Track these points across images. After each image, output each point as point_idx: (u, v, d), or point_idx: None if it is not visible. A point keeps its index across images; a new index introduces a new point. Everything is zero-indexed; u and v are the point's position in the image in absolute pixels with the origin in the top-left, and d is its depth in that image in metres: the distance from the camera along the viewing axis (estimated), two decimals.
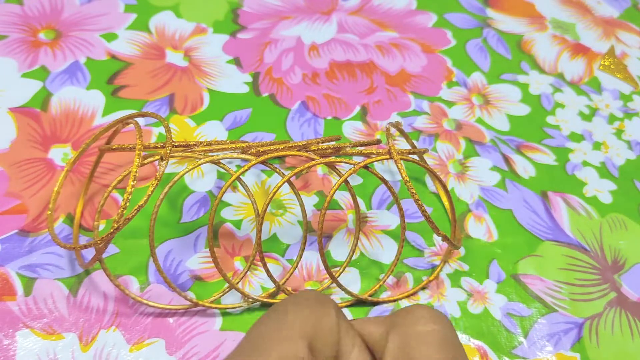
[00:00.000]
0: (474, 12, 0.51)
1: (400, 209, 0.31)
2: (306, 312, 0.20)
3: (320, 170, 0.37)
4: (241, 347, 0.20)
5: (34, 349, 0.28)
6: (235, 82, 0.42)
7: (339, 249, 0.34)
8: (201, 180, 0.36)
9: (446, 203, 0.37)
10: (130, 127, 0.34)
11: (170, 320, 0.30)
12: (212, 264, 0.31)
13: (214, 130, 0.38)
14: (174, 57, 0.42)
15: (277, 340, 0.19)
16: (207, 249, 0.32)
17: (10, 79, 0.39)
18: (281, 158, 0.38)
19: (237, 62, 0.43)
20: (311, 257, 0.33)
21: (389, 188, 0.30)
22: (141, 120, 0.38)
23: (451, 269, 0.34)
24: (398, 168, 0.29)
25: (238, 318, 0.31)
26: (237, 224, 0.34)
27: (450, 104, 0.43)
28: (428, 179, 0.38)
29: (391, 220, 0.36)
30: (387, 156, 0.30)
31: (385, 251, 0.34)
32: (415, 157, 0.36)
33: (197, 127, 0.38)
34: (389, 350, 0.21)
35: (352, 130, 0.40)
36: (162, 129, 0.38)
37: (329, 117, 0.41)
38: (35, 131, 0.36)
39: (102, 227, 0.33)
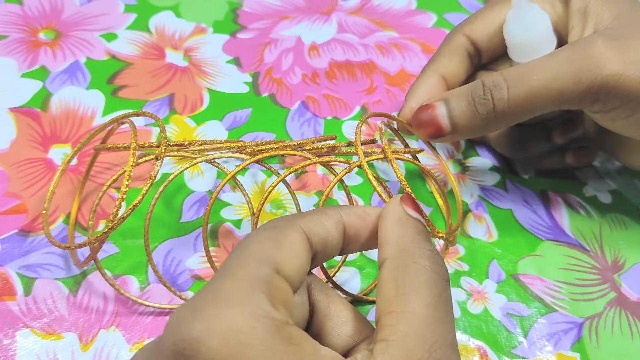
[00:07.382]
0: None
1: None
2: (262, 237, 0.22)
3: (320, 170, 0.37)
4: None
5: (33, 348, 0.28)
6: (235, 82, 0.42)
7: None
8: (201, 179, 0.36)
9: (439, 200, 0.37)
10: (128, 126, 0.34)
11: None
12: None
13: (214, 130, 0.38)
14: (174, 57, 0.42)
15: (239, 266, 0.21)
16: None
17: (10, 79, 0.39)
18: (281, 158, 0.38)
19: (237, 62, 0.43)
20: None
21: (376, 189, 0.30)
22: (142, 120, 0.38)
23: (451, 269, 0.34)
24: (393, 168, 0.29)
25: None
26: (237, 223, 0.34)
27: None
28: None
29: None
30: (381, 156, 0.30)
31: None
32: (410, 156, 0.36)
33: (197, 127, 0.38)
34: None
35: (352, 130, 0.40)
36: None
37: (329, 117, 0.41)
38: (35, 131, 0.36)
39: (102, 226, 0.33)
